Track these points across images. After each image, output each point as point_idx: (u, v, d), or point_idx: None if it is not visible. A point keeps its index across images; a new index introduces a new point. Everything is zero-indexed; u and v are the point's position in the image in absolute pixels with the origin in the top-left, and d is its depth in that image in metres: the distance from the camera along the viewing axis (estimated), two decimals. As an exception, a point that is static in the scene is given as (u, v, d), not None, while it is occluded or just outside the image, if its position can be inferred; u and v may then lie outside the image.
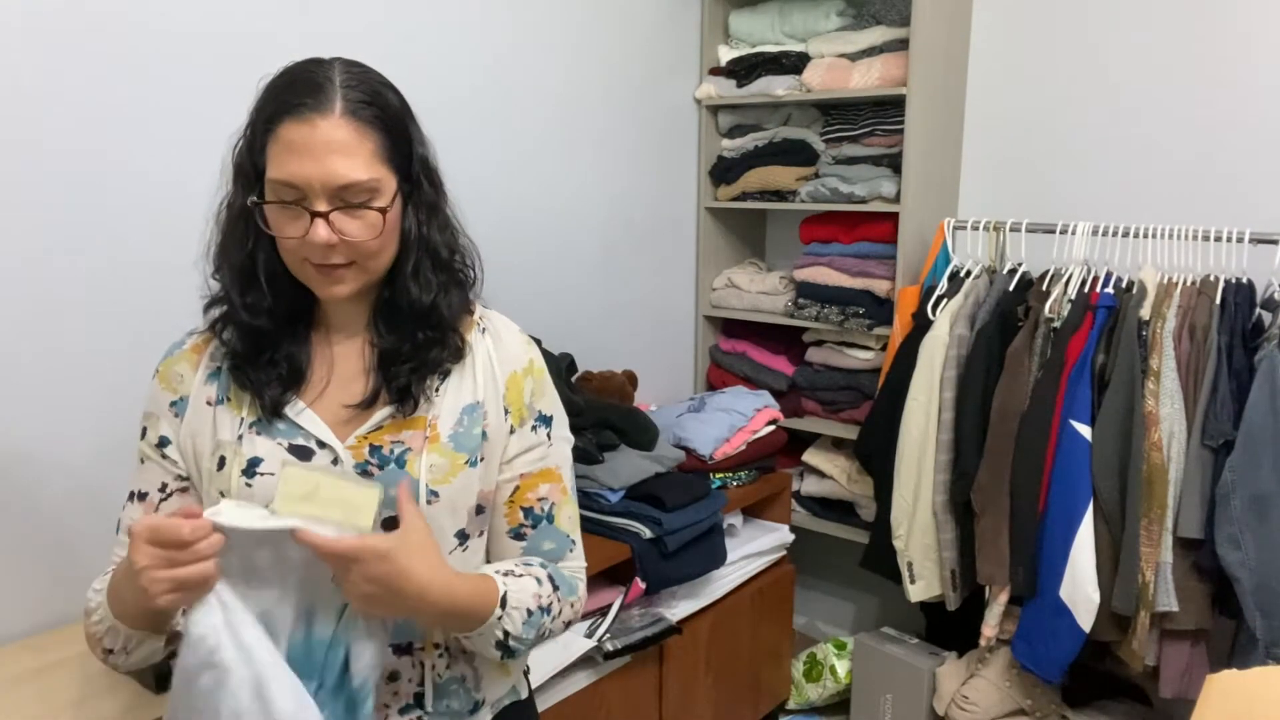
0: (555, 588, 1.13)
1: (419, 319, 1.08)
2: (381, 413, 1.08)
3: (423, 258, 1.07)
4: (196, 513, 0.93)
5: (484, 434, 1.11)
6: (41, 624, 1.61)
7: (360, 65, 1.03)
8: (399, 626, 1.09)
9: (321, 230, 0.98)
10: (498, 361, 1.14)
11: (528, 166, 2.41)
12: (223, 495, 1.05)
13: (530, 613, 1.09)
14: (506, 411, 1.13)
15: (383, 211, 1.01)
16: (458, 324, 1.11)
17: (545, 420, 1.16)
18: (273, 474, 1.04)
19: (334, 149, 0.97)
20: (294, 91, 0.98)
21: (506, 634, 1.07)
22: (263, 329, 1.06)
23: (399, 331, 1.08)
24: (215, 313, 1.08)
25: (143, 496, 1.10)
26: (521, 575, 1.11)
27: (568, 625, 1.17)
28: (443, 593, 1.00)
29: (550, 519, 1.16)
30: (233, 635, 0.93)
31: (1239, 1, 2.29)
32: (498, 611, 1.06)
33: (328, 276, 1.03)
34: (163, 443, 1.10)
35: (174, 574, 0.91)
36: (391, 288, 1.08)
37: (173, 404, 1.10)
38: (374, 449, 1.07)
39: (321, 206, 0.98)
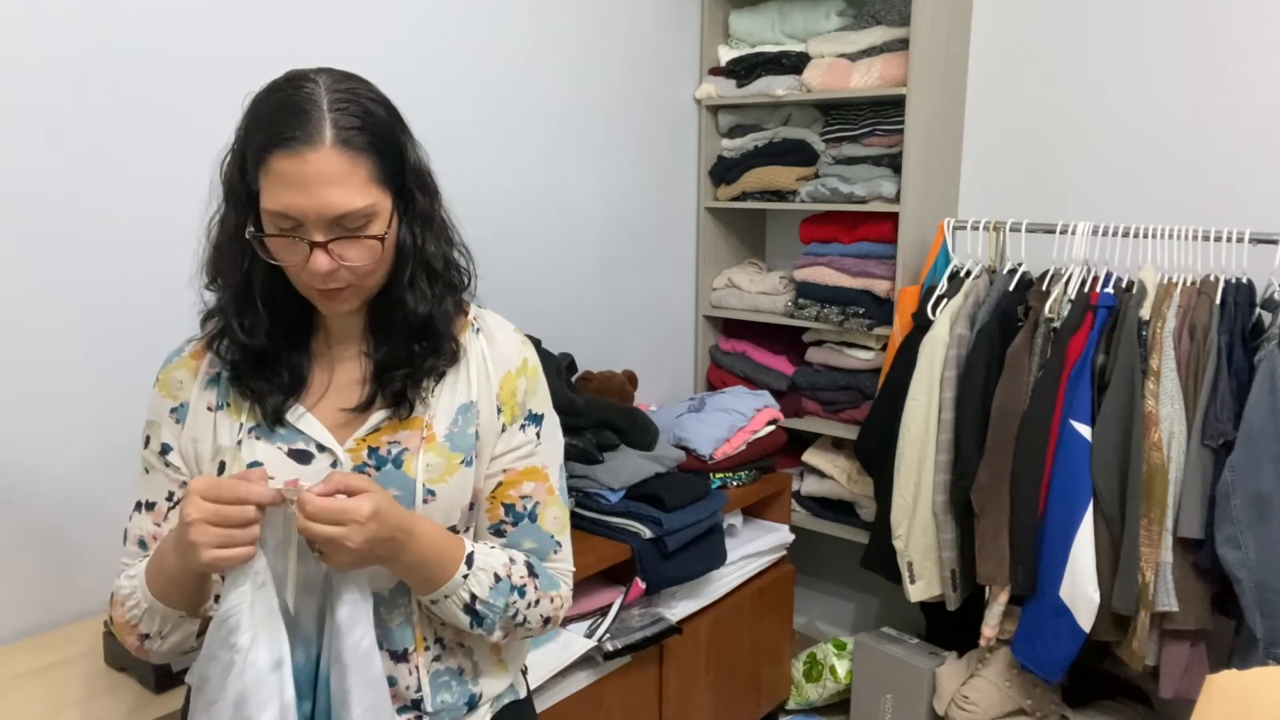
0: (533, 575, 1.13)
1: (414, 330, 1.08)
2: (378, 415, 1.09)
3: (418, 270, 1.07)
4: (258, 475, 0.97)
5: (476, 433, 1.11)
6: (41, 624, 1.61)
7: (348, 81, 1.01)
8: (391, 633, 1.10)
9: (322, 261, 0.98)
10: (491, 361, 1.14)
11: (528, 166, 2.41)
12: None
13: (498, 578, 1.08)
14: (499, 410, 1.13)
15: (380, 239, 1.00)
16: (452, 330, 1.11)
17: (536, 419, 1.17)
18: (273, 478, 1.04)
19: (327, 180, 0.95)
20: (282, 121, 0.96)
21: (474, 596, 1.06)
22: (256, 346, 1.06)
23: (394, 342, 1.08)
24: (211, 327, 1.08)
25: (150, 506, 1.10)
26: (493, 549, 1.12)
27: (547, 622, 1.15)
28: (420, 529, 1.02)
29: (533, 518, 1.15)
30: (252, 616, 0.94)
31: (1239, 2, 2.29)
32: (463, 569, 1.06)
33: (330, 296, 1.04)
34: (165, 450, 1.10)
35: (223, 532, 0.92)
36: (387, 297, 1.07)
37: (173, 410, 1.10)
38: (372, 451, 1.08)
39: (319, 236, 0.97)
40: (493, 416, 1.13)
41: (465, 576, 1.06)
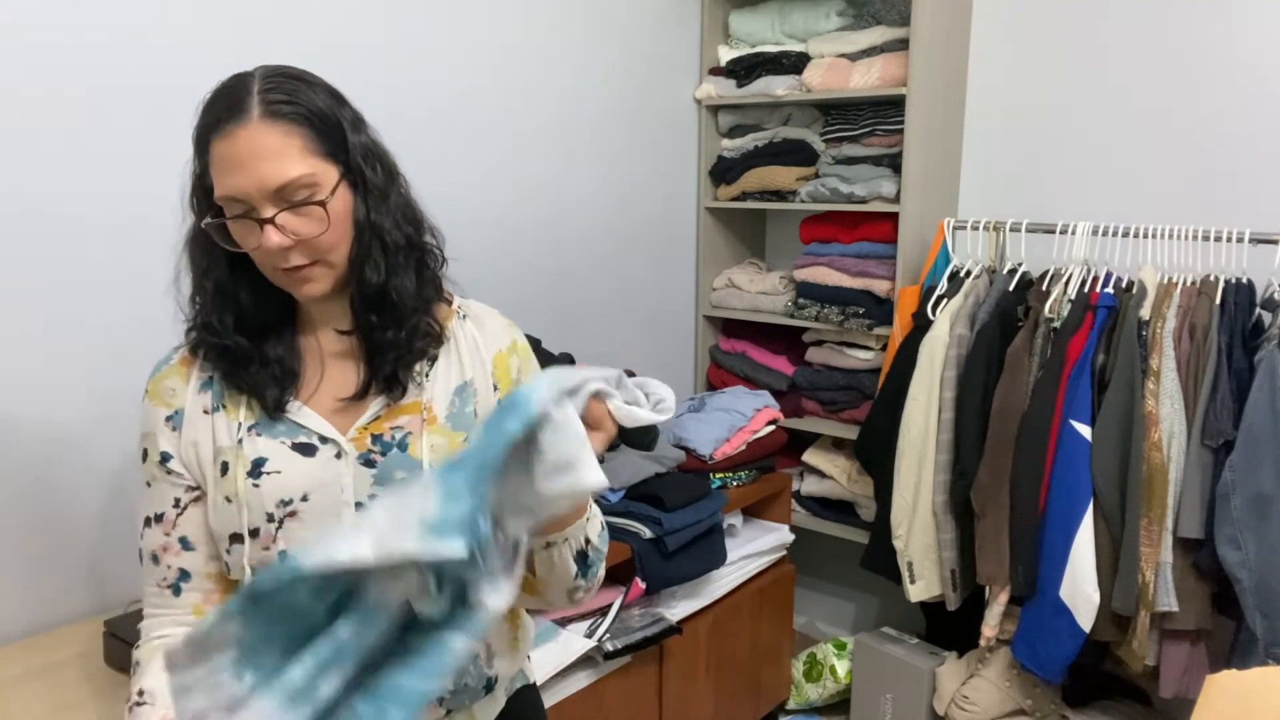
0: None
1: (370, 302, 1.08)
2: (376, 403, 1.10)
3: (372, 242, 1.07)
4: None
5: (475, 412, 1.14)
6: (41, 624, 1.61)
7: (284, 70, 1.03)
8: None
9: (273, 235, 0.99)
10: (482, 343, 1.17)
11: (528, 166, 2.41)
12: (229, 501, 1.06)
13: (602, 525, 1.15)
14: (495, 388, 1.16)
15: (323, 204, 1.01)
16: (421, 307, 1.12)
17: None
18: (279, 472, 1.06)
19: (259, 154, 0.97)
20: (214, 109, 1.00)
21: (588, 540, 1.10)
22: (233, 346, 1.07)
23: (359, 317, 1.10)
24: (193, 338, 1.10)
25: (159, 518, 1.10)
26: None
27: (591, 592, 1.19)
28: None
29: None
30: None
31: (1239, 2, 2.29)
32: (589, 509, 1.10)
33: (296, 277, 1.04)
34: (165, 459, 1.10)
35: None
36: (356, 278, 1.09)
37: (168, 418, 1.10)
38: (375, 438, 1.09)
39: (267, 212, 0.99)
40: (489, 394, 1.15)
41: (588, 519, 1.09)
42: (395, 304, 1.09)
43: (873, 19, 2.67)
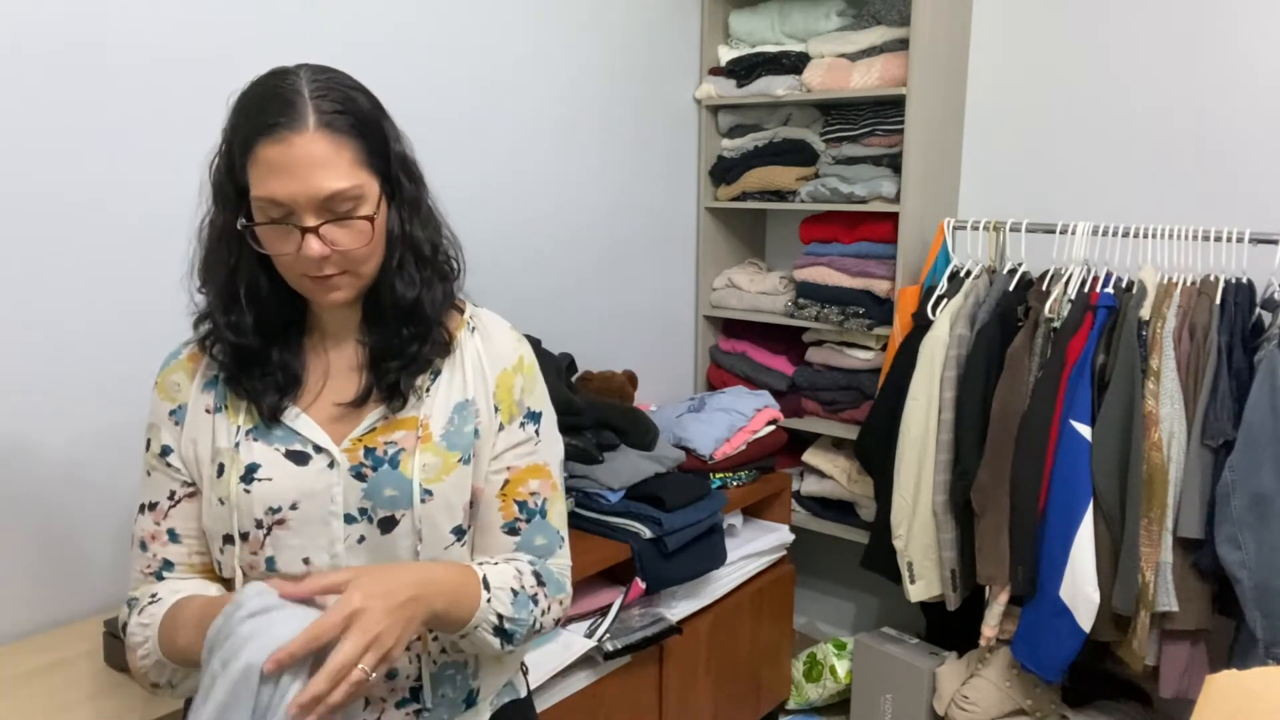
0: (540, 583, 1.13)
1: (403, 315, 1.08)
2: (373, 414, 1.09)
3: (406, 254, 1.07)
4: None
5: (476, 431, 1.12)
6: (41, 624, 1.61)
7: (327, 71, 1.03)
8: None
9: (314, 245, 0.99)
10: (487, 359, 1.14)
11: (528, 166, 2.41)
12: (222, 502, 1.07)
13: (515, 593, 1.09)
14: (496, 409, 1.14)
15: (370, 219, 1.01)
16: (442, 319, 1.12)
17: (534, 417, 1.17)
18: (270, 479, 1.06)
19: (313, 163, 0.97)
20: (266, 110, 0.97)
21: (500, 616, 1.07)
22: (249, 346, 1.07)
23: (385, 329, 1.09)
24: (203, 329, 1.09)
25: (153, 507, 1.11)
26: (497, 563, 1.13)
27: (556, 622, 1.18)
28: (433, 573, 1.03)
29: (543, 514, 1.17)
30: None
31: (1239, 2, 2.29)
32: (484, 593, 1.06)
33: (323, 285, 1.03)
34: (165, 452, 1.10)
35: None
36: (378, 287, 1.08)
37: (172, 413, 1.11)
38: (368, 451, 1.08)
39: (310, 221, 0.98)
40: (490, 414, 1.13)
41: (489, 600, 1.07)
42: (427, 315, 1.09)
43: (873, 19, 2.67)
